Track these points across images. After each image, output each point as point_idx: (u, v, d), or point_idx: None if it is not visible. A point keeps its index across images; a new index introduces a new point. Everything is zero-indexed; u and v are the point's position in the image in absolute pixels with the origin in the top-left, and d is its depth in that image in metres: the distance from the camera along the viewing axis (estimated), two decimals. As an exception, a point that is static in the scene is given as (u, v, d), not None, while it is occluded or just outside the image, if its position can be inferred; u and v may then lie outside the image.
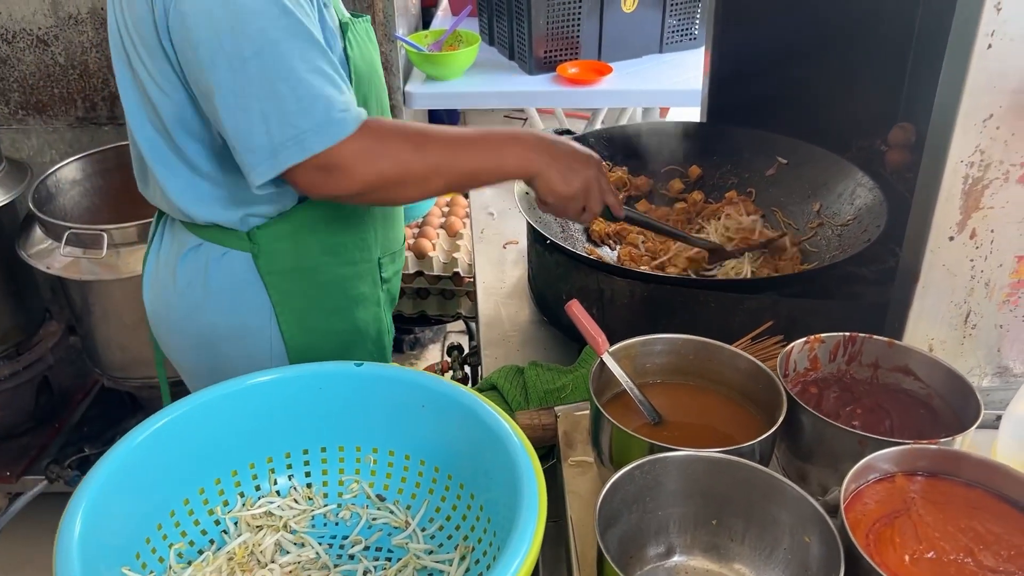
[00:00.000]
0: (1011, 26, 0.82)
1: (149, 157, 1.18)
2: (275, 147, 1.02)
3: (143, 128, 1.16)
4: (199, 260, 1.25)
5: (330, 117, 1.01)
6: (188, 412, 0.87)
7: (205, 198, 1.19)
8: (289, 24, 1.01)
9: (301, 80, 1.01)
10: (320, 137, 1.01)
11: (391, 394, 0.93)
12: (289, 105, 1.00)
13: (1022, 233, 0.94)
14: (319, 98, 1.01)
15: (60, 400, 2.45)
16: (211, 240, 1.23)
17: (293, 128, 1.01)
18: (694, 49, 2.62)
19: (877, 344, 0.96)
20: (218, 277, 1.24)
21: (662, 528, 0.84)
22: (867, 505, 0.78)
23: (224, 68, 1.00)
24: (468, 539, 0.88)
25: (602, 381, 0.95)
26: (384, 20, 2.43)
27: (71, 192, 2.25)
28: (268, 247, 1.22)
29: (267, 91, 1.00)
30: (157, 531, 0.86)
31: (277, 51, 1.00)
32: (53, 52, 2.45)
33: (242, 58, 0.99)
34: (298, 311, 1.27)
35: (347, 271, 1.31)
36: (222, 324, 1.27)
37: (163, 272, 1.30)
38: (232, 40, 0.99)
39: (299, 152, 1.01)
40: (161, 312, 1.33)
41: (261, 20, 0.99)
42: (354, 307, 1.34)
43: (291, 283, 1.26)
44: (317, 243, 1.26)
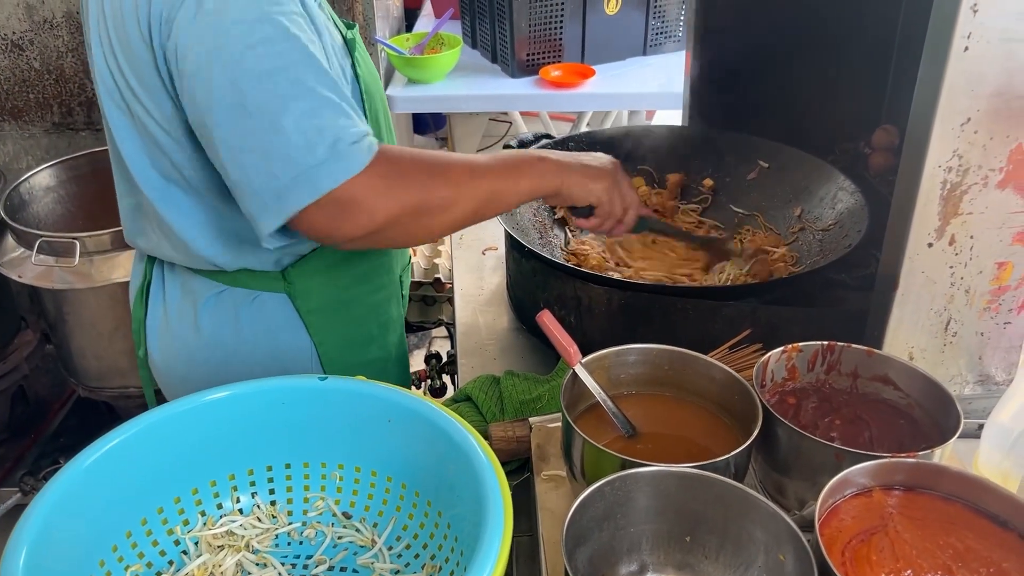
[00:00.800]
0: (988, 28, 0.80)
1: (161, 207, 1.08)
2: (280, 188, 0.91)
3: (149, 177, 1.06)
4: (225, 307, 1.17)
5: (338, 151, 0.91)
6: (143, 431, 0.84)
7: (233, 243, 1.10)
8: (291, 50, 0.91)
9: (307, 112, 0.91)
10: (330, 173, 0.91)
11: (356, 408, 0.90)
12: (294, 139, 0.90)
13: (1002, 239, 0.92)
14: (326, 130, 0.91)
15: (36, 410, 2.42)
16: (238, 285, 1.16)
17: (298, 166, 0.90)
18: (679, 52, 2.60)
19: (856, 353, 0.94)
20: (251, 324, 1.17)
21: (634, 545, 0.81)
22: (844, 521, 0.76)
23: (222, 105, 0.90)
24: (435, 558, 0.85)
25: (575, 393, 0.93)
26: (364, 24, 2.40)
27: (45, 199, 2.22)
28: (303, 285, 1.16)
29: (268, 125, 0.90)
30: (112, 553, 0.83)
31: (278, 81, 0.90)
32: (28, 57, 2.42)
33: (239, 91, 0.90)
34: (338, 346, 1.22)
35: (378, 297, 1.28)
36: (259, 371, 1.15)
37: (179, 325, 1.19)
38: (227, 74, 0.89)
39: (309, 193, 0.90)
40: (181, 368, 1.22)
41: (260, 48, 0.90)
42: (385, 333, 1.31)
43: (329, 319, 1.20)
44: (350, 274, 1.21)
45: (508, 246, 1.40)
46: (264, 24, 0.91)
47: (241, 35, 0.90)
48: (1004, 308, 0.97)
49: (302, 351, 1.20)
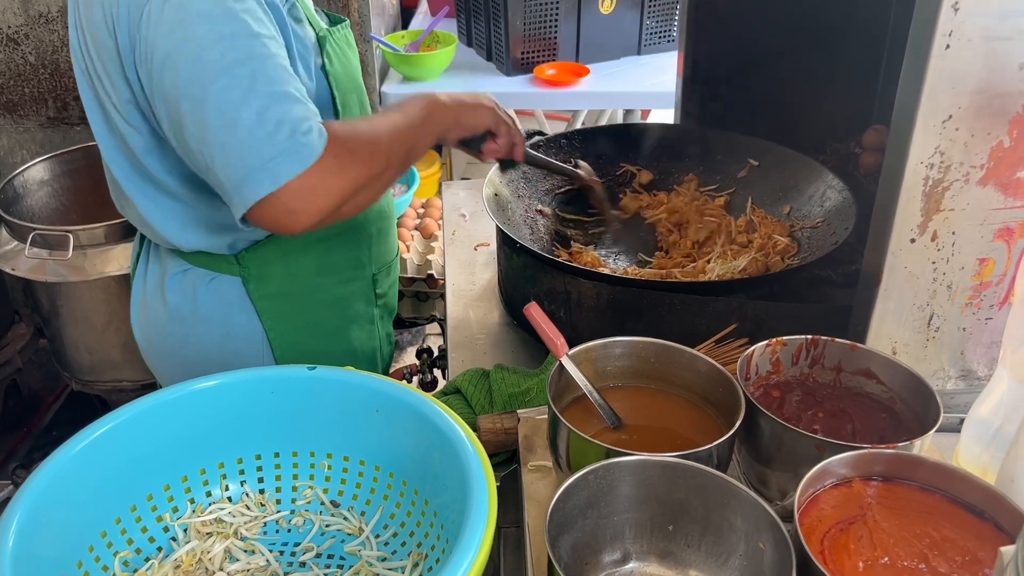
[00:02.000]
0: (969, 27, 0.81)
1: (126, 187, 1.13)
2: (239, 180, 0.95)
3: (116, 158, 1.11)
4: (186, 285, 1.20)
5: (297, 141, 0.94)
6: (132, 418, 0.85)
7: (188, 225, 1.14)
8: (251, 46, 0.95)
9: (264, 104, 0.94)
10: (290, 163, 0.94)
11: (344, 398, 0.91)
12: (253, 132, 0.93)
13: (983, 235, 0.93)
14: (283, 122, 0.95)
15: (29, 403, 2.42)
16: (198, 265, 1.19)
17: (259, 157, 0.94)
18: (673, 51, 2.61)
19: (840, 347, 0.95)
20: (207, 303, 1.20)
21: (617, 534, 0.82)
22: (823, 510, 0.77)
23: (186, 99, 0.94)
24: (421, 546, 0.86)
25: (561, 384, 0.94)
26: (359, 20, 2.41)
27: (39, 193, 2.22)
28: (258, 270, 1.19)
29: (228, 119, 0.94)
30: (101, 538, 0.84)
31: (237, 75, 0.94)
32: (23, 51, 2.42)
33: (202, 85, 0.93)
34: (292, 335, 1.24)
35: (342, 291, 1.28)
36: (213, 351, 1.22)
37: (151, 298, 1.25)
38: (192, 67, 0.93)
39: (270, 181, 0.94)
40: (153, 339, 1.28)
41: (222, 44, 0.94)
42: (348, 327, 1.31)
43: (283, 306, 1.22)
44: (310, 263, 1.22)
45: (499, 242, 1.41)
46: (227, 20, 0.94)
47: (205, 32, 0.94)
48: (986, 304, 0.99)
49: (254, 334, 1.22)
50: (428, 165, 2.86)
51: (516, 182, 1.48)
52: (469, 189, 1.88)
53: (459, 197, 1.84)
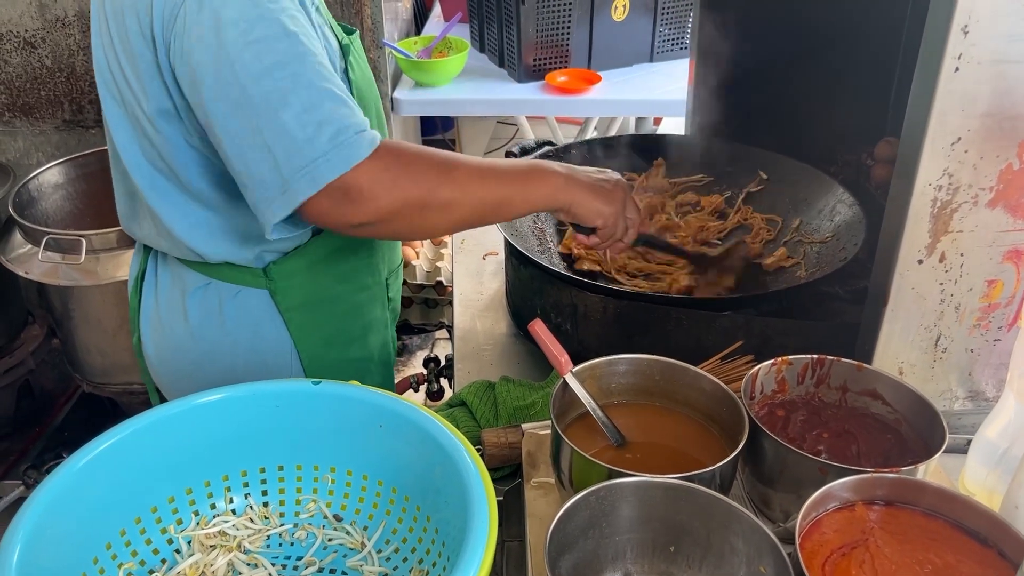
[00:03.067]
0: (978, 50, 0.81)
1: (150, 196, 1.11)
2: (285, 180, 0.94)
3: (140, 166, 1.10)
4: (211, 300, 1.20)
5: (340, 141, 0.94)
6: (138, 431, 0.86)
7: (217, 236, 1.13)
8: (289, 46, 0.94)
9: (307, 106, 0.93)
10: (332, 164, 0.93)
11: (348, 413, 0.91)
12: (295, 133, 0.93)
13: (992, 257, 0.93)
14: (327, 123, 0.94)
15: (41, 404, 2.45)
16: (222, 278, 1.18)
17: (301, 158, 0.93)
18: (685, 58, 2.60)
19: (845, 367, 0.95)
20: (234, 316, 1.20)
21: (619, 554, 0.82)
22: (825, 534, 0.77)
23: (225, 102, 0.94)
24: (423, 561, 0.87)
25: (565, 401, 0.94)
26: (372, 27, 2.42)
27: (53, 196, 2.24)
28: (284, 283, 1.19)
29: (269, 120, 0.93)
30: (106, 551, 0.84)
31: (277, 76, 0.93)
32: (40, 54, 2.44)
33: (241, 88, 0.92)
34: (317, 344, 1.24)
35: (361, 297, 1.29)
36: (240, 365, 1.21)
37: (168, 315, 1.23)
38: (230, 71, 0.92)
39: (311, 184, 0.93)
40: (169, 357, 1.25)
41: (258, 45, 0.93)
42: (367, 333, 1.32)
43: (309, 316, 1.22)
44: (331, 273, 1.22)
45: (507, 252, 1.41)
46: (262, 22, 0.94)
47: (240, 33, 0.93)
48: (994, 325, 0.98)
49: (282, 346, 1.22)
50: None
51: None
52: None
53: (469, 205, 1.84)
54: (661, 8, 2.52)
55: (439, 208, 1.01)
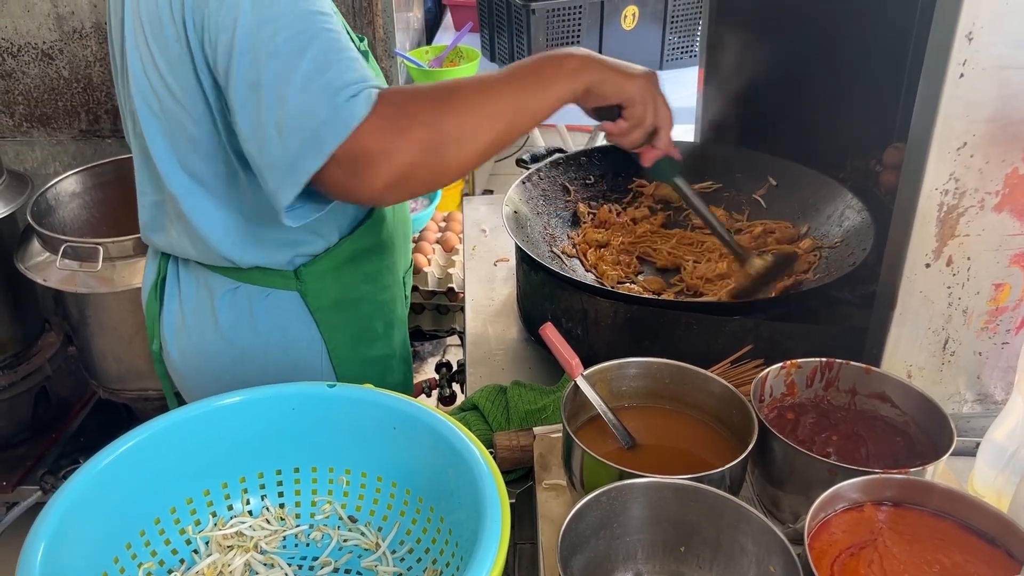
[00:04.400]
0: (983, 56, 0.82)
1: (185, 204, 1.11)
2: (291, 157, 0.92)
3: (176, 175, 1.10)
4: (240, 303, 1.21)
5: (336, 106, 0.90)
6: (157, 433, 0.88)
7: (251, 243, 1.14)
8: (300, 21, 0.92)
9: (309, 77, 0.91)
10: (331, 131, 0.90)
11: (363, 415, 0.93)
12: (299, 106, 0.91)
13: (999, 261, 0.94)
14: (325, 89, 0.91)
15: (58, 410, 2.47)
16: (251, 282, 1.20)
17: (303, 129, 0.90)
18: (695, 66, 2.62)
19: (854, 370, 0.96)
20: (265, 319, 1.21)
21: (630, 554, 0.83)
22: (834, 535, 0.78)
23: (242, 83, 0.93)
24: (437, 562, 0.88)
25: (576, 404, 0.95)
26: (385, 36, 2.45)
27: (70, 205, 2.27)
28: (314, 284, 1.20)
29: (277, 98, 0.91)
30: (127, 550, 0.86)
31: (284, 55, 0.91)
32: (58, 66, 2.48)
33: (256, 68, 0.92)
34: (346, 343, 1.26)
35: (384, 296, 1.31)
36: (272, 366, 1.23)
37: (195, 320, 1.24)
38: (246, 52, 0.92)
39: (315, 156, 0.91)
40: (197, 362, 1.26)
41: (272, 23, 0.91)
42: (391, 331, 1.34)
43: (338, 316, 1.24)
44: (358, 273, 1.25)
45: (518, 258, 1.43)
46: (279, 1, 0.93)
47: (256, 11, 0.92)
48: (1002, 328, 0.99)
49: (313, 346, 1.24)
50: (450, 178, 2.88)
51: (535, 200, 1.49)
52: (490, 204, 1.90)
53: (480, 212, 1.86)
54: (670, 17, 2.54)
55: (452, 142, 0.96)
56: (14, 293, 2.27)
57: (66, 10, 2.40)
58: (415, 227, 2.41)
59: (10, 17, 2.40)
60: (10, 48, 2.45)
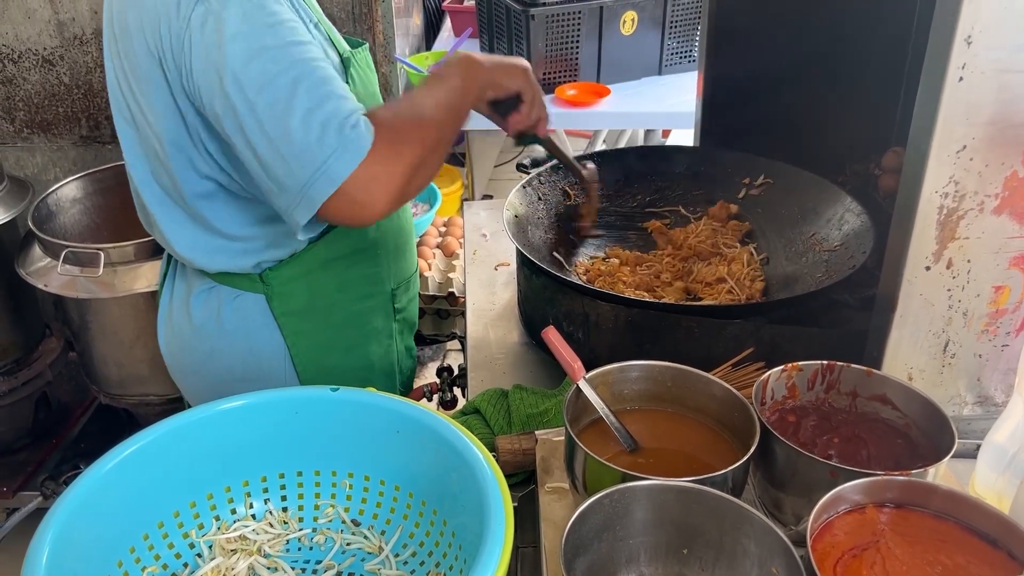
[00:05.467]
0: (982, 60, 0.82)
1: (156, 213, 1.16)
2: (302, 186, 0.97)
3: (148, 184, 1.15)
4: (212, 302, 1.24)
5: (345, 136, 0.97)
6: (161, 437, 0.88)
7: (215, 252, 1.18)
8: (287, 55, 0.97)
9: (309, 110, 0.96)
10: (343, 161, 0.96)
11: (366, 419, 0.93)
12: (304, 137, 0.96)
13: (999, 263, 0.94)
14: (330, 123, 0.97)
15: (59, 416, 2.47)
16: (223, 283, 1.23)
17: (314, 161, 0.96)
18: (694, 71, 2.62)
19: (855, 373, 0.96)
20: (232, 319, 1.23)
21: (633, 557, 0.83)
22: (837, 536, 0.78)
23: (235, 116, 0.98)
24: (440, 565, 0.88)
25: (578, 407, 0.95)
26: (384, 42, 2.45)
27: (71, 210, 2.27)
28: (281, 288, 1.22)
29: (279, 129, 0.96)
30: (130, 555, 0.86)
31: (279, 85, 0.96)
32: (58, 72, 2.48)
33: (248, 102, 0.96)
34: (313, 351, 1.27)
35: (360, 306, 1.31)
36: (237, 367, 1.25)
37: (177, 315, 1.28)
38: (235, 86, 0.96)
39: (328, 183, 0.97)
40: (178, 355, 1.31)
41: (259, 57, 0.96)
42: (367, 343, 1.34)
43: (305, 323, 1.25)
44: (330, 280, 1.25)
45: (519, 263, 1.43)
46: (261, 35, 0.97)
47: (241, 50, 0.96)
48: (1002, 331, 0.99)
49: (276, 351, 1.25)
50: (450, 182, 2.89)
51: (535, 204, 1.50)
52: (490, 209, 1.90)
53: (480, 217, 1.87)
54: (669, 22, 2.55)
55: (431, 152, 1.05)
56: (15, 298, 2.27)
57: (67, 16, 2.40)
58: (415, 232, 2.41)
59: (11, 23, 2.41)
60: (11, 54, 2.45)
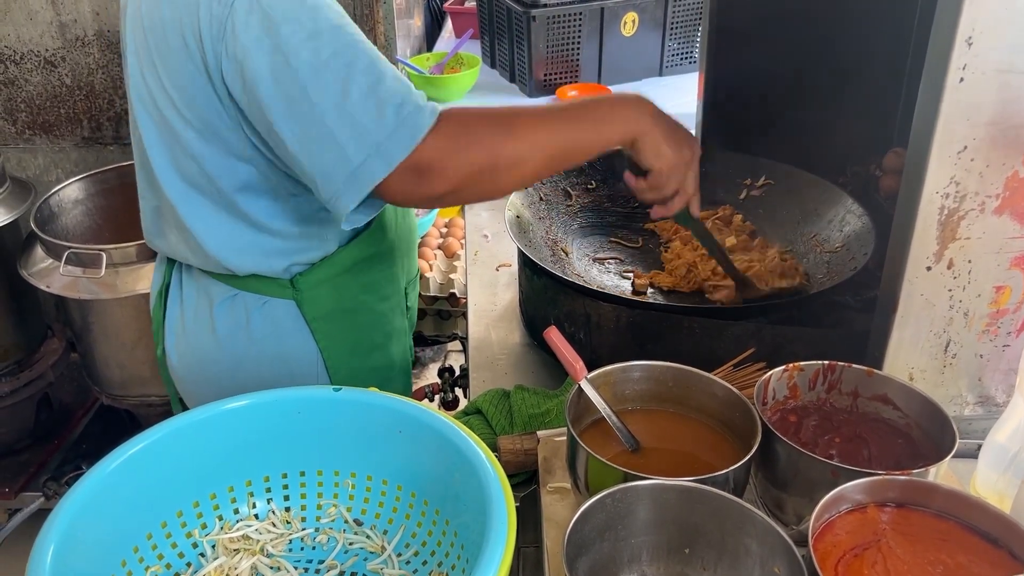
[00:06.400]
0: (983, 60, 0.83)
1: (183, 211, 1.13)
2: (355, 168, 0.95)
3: (174, 182, 1.12)
4: (238, 311, 1.22)
5: (403, 116, 0.95)
6: (164, 437, 0.88)
7: (248, 250, 1.16)
8: (339, 38, 0.96)
9: (366, 90, 0.95)
10: (399, 143, 0.95)
11: (368, 419, 0.93)
12: (361, 118, 0.94)
13: (1000, 264, 0.94)
14: (388, 102, 0.95)
15: (60, 417, 2.47)
16: (248, 290, 1.21)
17: (369, 142, 0.95)
18: (694, 72, 2.62)
19: (856, 373, 0.96)
20: (261, 327, 1.22)
21: (635, 556, 0.84)
22: (838, 536, 0.78)
23: (286, 100, 0.96)
24: (442, 565, 0.88)
25: (580, 407, 0.95)
26: (386, 43, 2.46)
27: (73, 211, 2.28)
28: (310, 293, 1.21)
29: (333, 112, 0.94)
30: (134, 554, 0.86)
31: (334, 67, 0.95)
32: (60, 73, 2.49)
33: (301, 85, 0.94)
34: (343, 353, 1.26)
35: (383, 307, 1.31)
36: (268, 374, 1.23)
37: (195, 326, 1.25)
38: (287, 70, 0.94)
39: (383, 166, 0.95)
40: (195, 367, 1.28)
41: (311, 41, 0.94)
42: (389, 342, 1.34)
43: (335, 326, 1.25)
44: (355, 283, 1.25)
45: (521, 263, 1.43)
46: (311, 18, 0.96)
47: (292, 32, 0.95)
48: (1003, 331, 0.99)
49: (309, 355, 1.24)
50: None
51: (536, 205, 1.50)
52: (491, 210, 1.91)
53: (481, 218, 1.87)
54: (670, 23, 2.55)
55: (508, 167, 1.01)
56: (17, 299, 2.28)
57: (69, 18, 2.41)
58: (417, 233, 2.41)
59: (13, 25, 2.41)
60: (13, 56, 2.46)
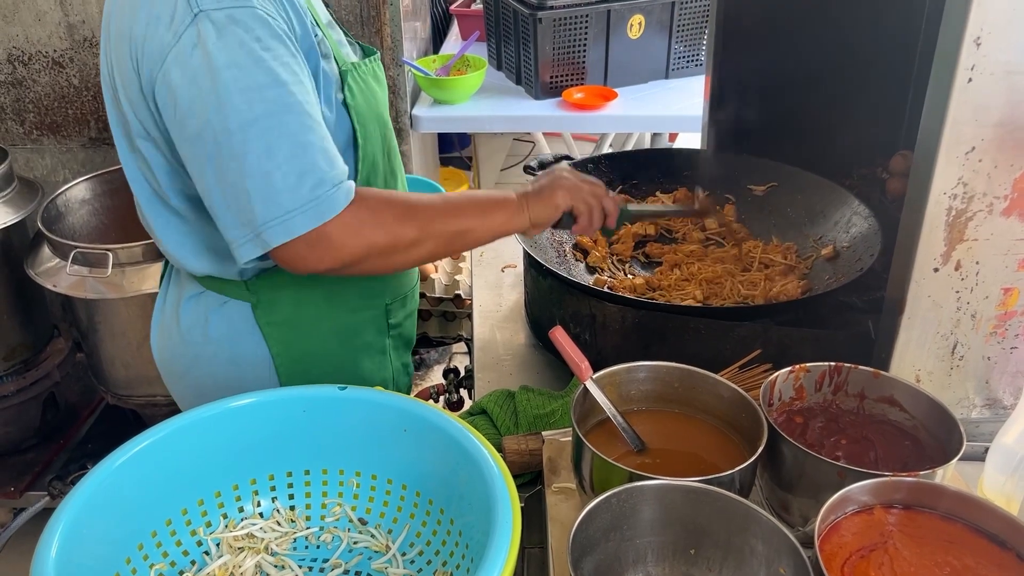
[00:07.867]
0: (991, 61, 0.82)
1: (146, 210, 1.16)
2: (257, 228, 0.98)
3: (138, 181, 1.15)
4: (200, 309, 1.23)
5: (319, 195, 0.98)
6: (170, 435, 0.88)
7: (200, 251, 1.17)
8: (279, 97, 0.97)
9: (290, 157, 0.97)
10: (307, 217, 0.98)
11: (373, 418, 0.93)
12: (276, 183, 0.96)
13: (1008, 265, 0.94)
14: (308, 175, 0.98)
15: (66, 416, 2.47)
16: (211, 289, 1.22)
17: (279, 208, 0.97)
18: (701, 75, 2.62)
19: (863, 374, 0.96)
20: (218, 327, 1.22)
21: (640, 557, 0.83)
22: (844, 537, 0.78)
23: (210, 142, 0.96)
24: (447, 564, 0.88)
25: (585, 407, 0.95)
26: (392, 45, 2.46)
27: (80, 211, 2.29)
28: (267, 296, 1.21)
29: (253, 169, 0.96)
30: (138, 551, 0.86)
31: (265, 126, 0.96)
32: (68, 74, 2.50)
33: (228, 132, 0.96)
34: (298, 363, 1.25)
35: (350, 320, 1.29)
36: (221, 374, 1.24)
37: (168, 319, 1.28)
38: (219, 115, 0.95)
39: (284, 233, 0.98)
40: (168, 359, 1.31)
41: (249, 94, 0.95)
42: (357, 357, 1.31)
43: (290, 334, 1.23)
44: (319, 292, 1.23)
45: (526, 264, 1.43)
46: (255, 71, 0.96)
47: (234, 79, 0.95)
48: (1010, 333, 0.99)
49: (261, 360, 1.23)
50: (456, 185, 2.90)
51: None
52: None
53: (487, 219, 1.87)
54: (676, 26, 2.55)
55: (404, 248, 1.06)
56: (24, 299, 2.28)
57: (76, 19, 2.42)
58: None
59: (21, 26, 2.42)
60: (21, 56, 2.47)
